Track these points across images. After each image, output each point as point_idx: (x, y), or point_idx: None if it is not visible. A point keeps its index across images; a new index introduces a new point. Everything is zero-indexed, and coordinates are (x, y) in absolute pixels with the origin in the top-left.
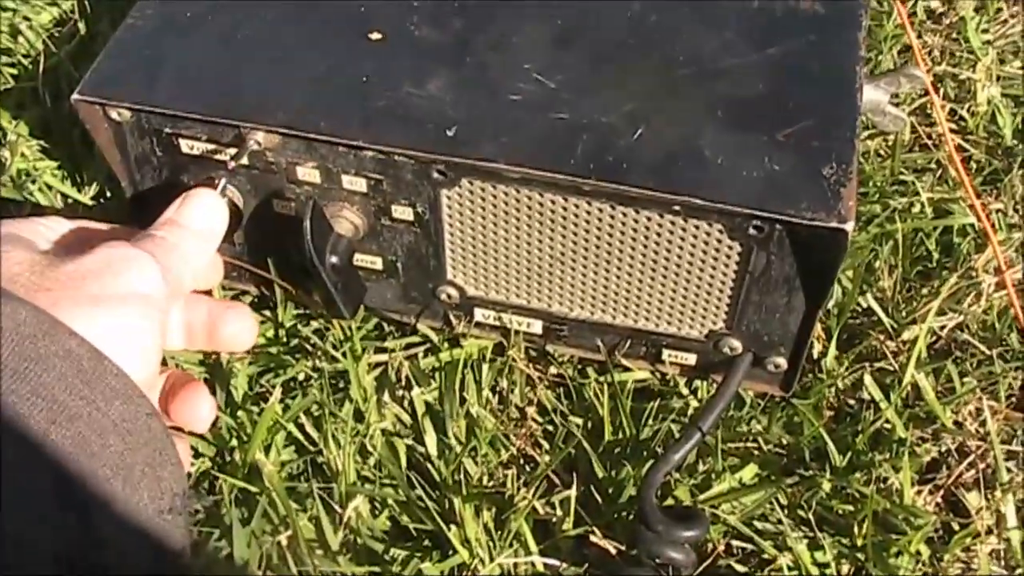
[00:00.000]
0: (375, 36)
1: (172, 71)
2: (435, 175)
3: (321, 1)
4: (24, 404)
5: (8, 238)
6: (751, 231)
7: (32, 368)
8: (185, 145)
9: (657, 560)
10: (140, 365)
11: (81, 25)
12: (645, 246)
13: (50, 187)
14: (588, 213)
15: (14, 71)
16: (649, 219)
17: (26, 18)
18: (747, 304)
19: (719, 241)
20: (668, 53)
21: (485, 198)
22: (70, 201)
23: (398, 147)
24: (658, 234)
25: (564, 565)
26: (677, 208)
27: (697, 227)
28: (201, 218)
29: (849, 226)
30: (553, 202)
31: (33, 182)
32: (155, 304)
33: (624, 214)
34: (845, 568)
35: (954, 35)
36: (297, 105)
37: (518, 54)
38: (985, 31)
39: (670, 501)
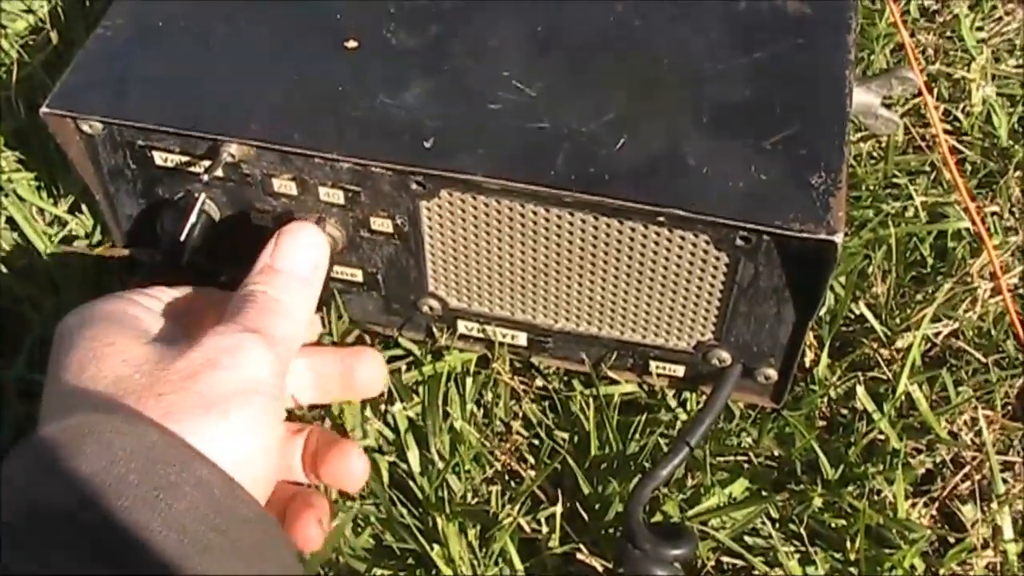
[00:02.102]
0: (351, 44)
1: (143, 82)
2: (413, 187)
3: (295, 9)
4: (156, 537)
5: (109, 323)
6: (738, 242)
7: (164, 497)
8: (159, 157)
9: None
10: (262, 462)
11: (54, 35)
12: (630, 257)
13: (23, 199)
14: (571, 224)
15: None
16: (633, 229)
17: (1, 26)
18: (736, 315)
19: (705, 252)
20: (651, 58)
21: (465, 209)
22: (45, 213)
23: (374, 159)
24: (643, 244)
25: None
26: (661, 219)
27: (683, 237)
28: (303, 260)
29: (838, 237)
30: (535, 213)
31: (7, 195)
32: (269, 389)
33: (608, 224)
34: None
35: (948, 33)
36: (271, 116)
37: (497, 61)
38: (980, 29)
39: (659, 516)
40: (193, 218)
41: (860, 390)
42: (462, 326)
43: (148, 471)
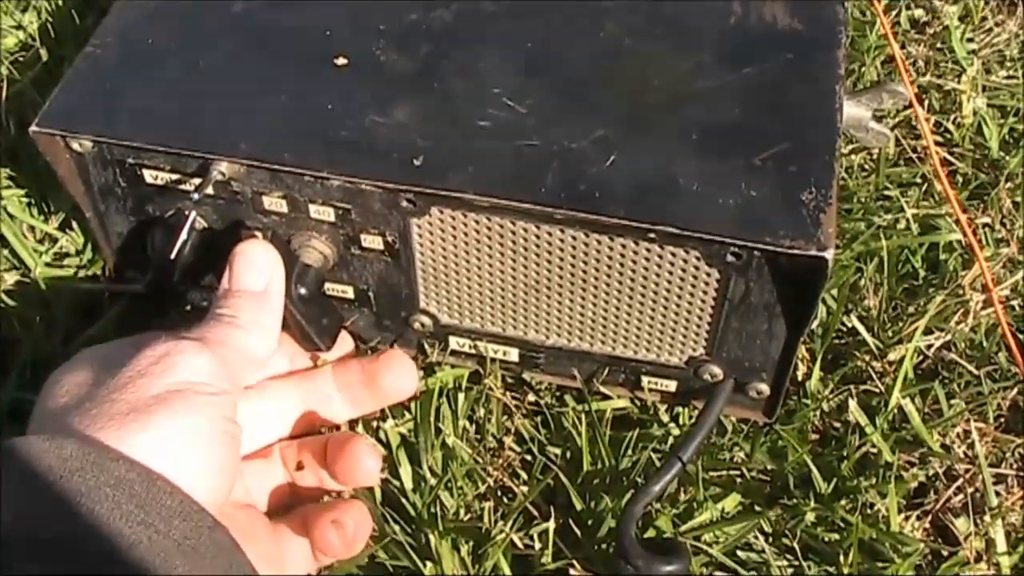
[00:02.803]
0: (340, 62)
1: (133, 100)
2: (404, 204)
3: (285, 27)
4: (79, 542)
5: (78, 362)
6: (729, 258)
7: (83, 502)
8: (149, 175)
9: None
10: (204, 458)
11: (43, 52)
12: (621, 273)
13: (13, 216)
14: (561, 241)
15: None
16: (624, 246)
17: None
18: (727, 331)
19: (696, 268)
20: (641, 75)
21: (456, 226)
22: (36, 231)
23: (364, 177)
24: (634, 261)
25: None
26: (652, 236)
27: (674, 254)
28: (253, 278)
29: (829, 254)
30: (526, 230)
31: None
32: (206, 388)
33: (599, 241)
34: None
35: (938, 45)
36: (261, 135)
37: (487, 79)
38: (970, 40)
39: (651, 532)
40: (184, 236)
41: (852, 404)
42: (453, 342)
43: (66, 481)
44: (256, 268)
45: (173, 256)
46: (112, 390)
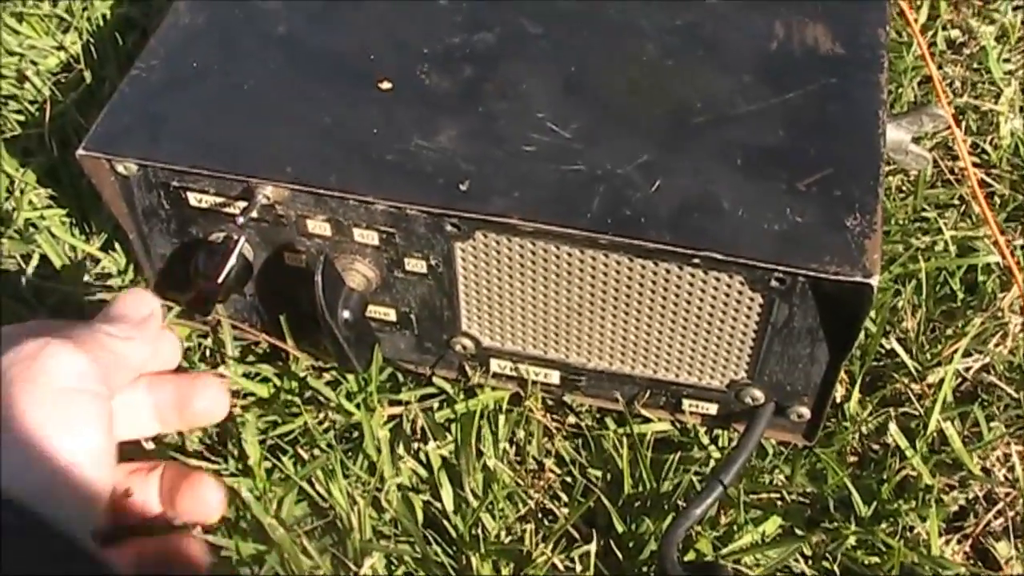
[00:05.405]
0: (384, 85)
1: (178, 124)
2: (448, 228)
3: (329, 50)
4: None
5: None
6: (773, 283)
7: None
8: (193, 198)
9: None
10: (96, 461)
11: (87, 73)
12: (664, 297)
13: (56, 237)
14: (605, 265)
15: (20, 118)
16: (668, 271)
17: (33, 62)
18: (769, 355)
19: (740, 293)
20: (684, 99)
21: (500, 250)
22: (78, 251)
23: (409, 202)
24: (677, 286)
25: None
26: (697, 261)
27: (718, 279)
28: (133, 306)
29: (874, 280)
30: (570, 254)
31: (40, 232)
32: (90, 387)
33: (642, 266)
34: None
35: (975, 65)
36: (306, 158)
37: (530, 102)
38: (1007, 60)
39: (692, 555)
40: (232, 260)
41: (892, 426)
42: (495, 364)
43: None
44: (143, 301)
45: (220, 280)
46: None
